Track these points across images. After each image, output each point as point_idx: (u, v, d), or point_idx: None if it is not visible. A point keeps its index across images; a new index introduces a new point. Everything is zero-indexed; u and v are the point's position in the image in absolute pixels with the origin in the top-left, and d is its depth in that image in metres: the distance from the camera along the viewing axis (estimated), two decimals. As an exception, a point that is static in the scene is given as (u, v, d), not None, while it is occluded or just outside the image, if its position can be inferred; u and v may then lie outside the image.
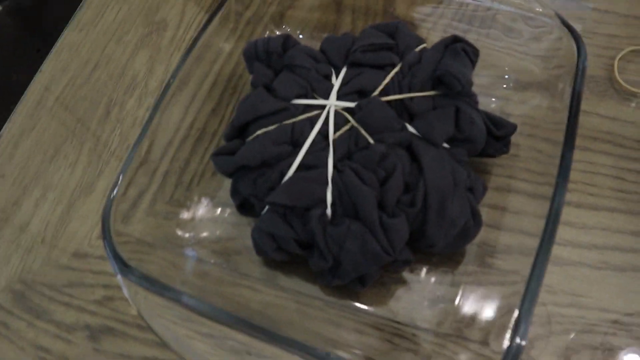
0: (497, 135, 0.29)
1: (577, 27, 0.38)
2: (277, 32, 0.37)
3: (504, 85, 0.34)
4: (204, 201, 0.34)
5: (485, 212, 0.32)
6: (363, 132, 0.28)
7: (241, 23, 0.37)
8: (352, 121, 0.28)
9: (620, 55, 0.37)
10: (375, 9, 0.38)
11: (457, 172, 0.27)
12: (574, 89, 0.28)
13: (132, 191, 0.32)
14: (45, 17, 0.84)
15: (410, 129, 0.28)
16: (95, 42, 0.42)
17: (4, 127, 0.40)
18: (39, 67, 0.42)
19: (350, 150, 0.28)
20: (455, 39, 0.29)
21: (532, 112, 0.34)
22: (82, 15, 0.43)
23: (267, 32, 0.37)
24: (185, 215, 0.34)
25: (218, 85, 0.37)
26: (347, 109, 0.29)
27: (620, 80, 0.36)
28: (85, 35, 0.42)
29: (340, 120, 0.28)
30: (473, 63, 0.29)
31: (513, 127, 0.30)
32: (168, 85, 0.31)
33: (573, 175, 0.33)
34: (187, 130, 0.35)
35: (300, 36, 0.37)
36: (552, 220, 0.24)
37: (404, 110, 0.28)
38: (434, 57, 0.28)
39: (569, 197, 0.32)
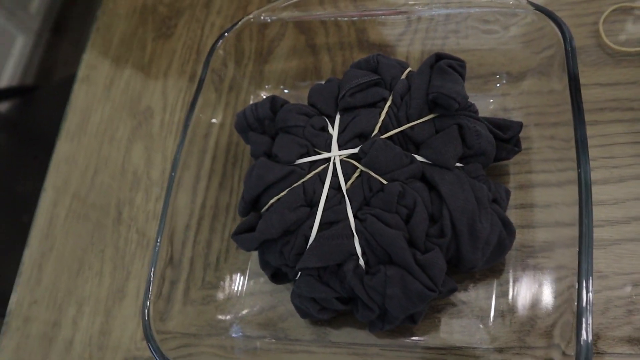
0: (505, 138, 0.30)
1: (553, 1, 0.38)
2: (261, 93, 0.37)
3: (498, 84, 0.34)
4: (236, 277, 0.35)
5: (514, 215, 0.32)
6: (374, 175, 0.28)
7: (224, 92, 0.38)
8: (360, 167, 0.28)
9: (602, 19, 0.37)
10: (349, 42, 0.38)
11: (478, 190, 0.27)
12: (568, 71, 0.28)
13: (165, 286, 0.32)
14: (36, 124, 0.86)
15: (420, 158, 0.28)
16: (88, 147, 0.43)
17: (23, 254, 0.41)
18: (40, 175, 0.43)
19: (366, 196, 0.28)
20: (439, 57, 0.29)
21: (533, 101, 0.34)
22: (69, 125, 0.44)
23: (252, 96, 0.37)
24: (221, 296, 0.34)
25: (218, 159, 0.37)
26: (352, 156, 0.29)
27: (610, 43, 0.36)
28: (78, 142, 0.43)
29: (348, 169, 0.29)
30: (462, 75, 0.29)
31: (519, 125, 0.30)
32: (172, 175, 0.32)
33: (591, 152, 0.33)
34: (201, 210, 0.36)
35: (285, 91, 0.38)
36: (585, 202, 0.24)
37: (408, 141, 0.29)
38: (423, 81, 0.29)
39: (593, 175, 0.32)
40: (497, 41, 0.35)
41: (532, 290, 0.30)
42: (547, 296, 0.29)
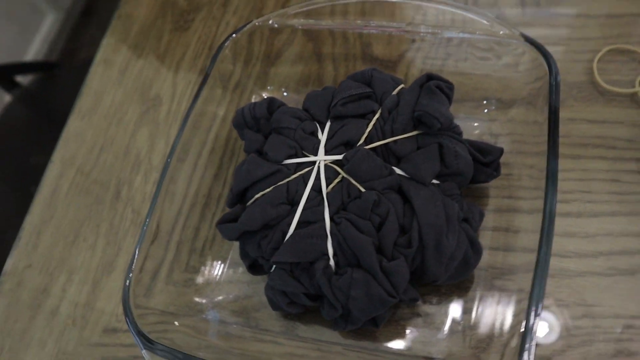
0: (485, 162, 0.31)
1: (552, 35, 0.40)
2: (263, 93, 0.39)
3: (486, 110, 0.36)
4: (218, 264, 0.36)
5: (488, 236, 0.33)
6: (354, 182, 0.30)
7: (229, 89, 0.40)
8: (342, 173, 0.30)
9: (598, 57, 0.38)
10: (354, 54, 0.40)
11: (449, 207, 0.28)
12: (550, 104, 0.30)
13: (150, 265, 0.34)
14: (54, 100, 0.89)
15: (399, 171, 0.30)
16: (97, 127, 0.45)
17: (25, 220, 0.43)
18: (51, 148, 0.46)
19: (344, 201, 0.30)
20: (429, 77, 0.31)
21: (519, 129, 0.36)
22: (82, 104, 0.47)
23: (254, 95, 0.39)
24: (202, 280, 0.36)
25: (216, 151, 0.39)
26: (336, 162, 0.31)
27: (602, 82, 0.37)
28: (88, 121, 0.46)
29: (331, 174, 0.30)
30: (449, 97, 0.31)
31: (499, 151, 0.32)
32: (168, 160, 0.34)
33: (569, 185, 0.35)
34: (194, 198, 0.38)
35: (285, 93, 0.40)
36: (547, 231, 0.26)
37: (391, 154, 0.30)
38: (411, 99, 0.30)
39: (569, 207, 0.34)
40: (491, 68, 0.36)
41: (493, 310, 0.31)
42: (506, 317, 0.31)
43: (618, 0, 0.40)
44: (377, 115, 0.31)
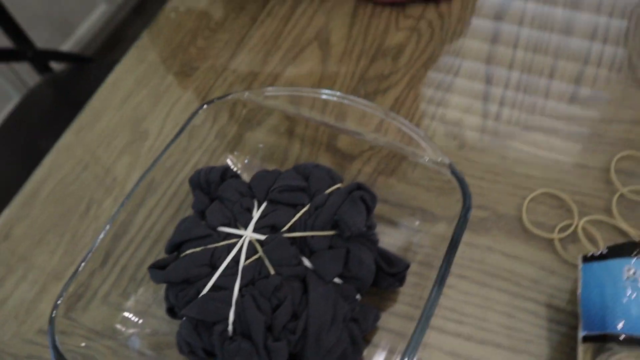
0: (390, 272, 0.36)
1: (499, 164, 0.44)
2: (229, 156, 0.45)
3: (417, 222, 0.40)
4: (150, 298, 0.41)
5: (381, 335, 0.37)
6: (267, 263, 0.34)
7: (208, 139, 0.45)
8: (260, 252, 0.35)
9: (531, 197, 0.42)
10: (320, 141, 0.45)
11: (339, 307, 0.33)
12: (452, 237, 0.34)
13: (92, 281, 0.39)
14: (77, 92, 0.97)
15: (307, 263, 0.34)
16: (88, 144, 0.51)
17: (3, 212, 0.49)
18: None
19: (254, 277, 0.34)
20: (358, 187, 0.36)
21: (438, 244, 0.40)
22: (81, 120, 0.53)
23: (222, 155, 0.44)
24: (133, 308, 0.41)
25: (178, 196, 0.44)
26: (259, 240, 0.36)
27: (527, 221, 0.41)
28: (82, 138, 0.52)
29: (251, 250, 0.35)
30: (369, 209, 0.36)
31: (405, 266, 0.36)
32: (134, 190, 0.39)
33: (469, 308, 0.39)
34: (147, 232, 0.43)
35: (246, 161, 0.45)
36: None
37: (306, 246, 0.35)
38: (336, 203, 0.35)
39: (461, 329, 0.38)
40: (431, 183, 0.41)
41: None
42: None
43: (559, 147, 0.44)
44: (304, 209, 0.36)
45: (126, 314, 0.41)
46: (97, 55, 1.56)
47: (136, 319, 0.41)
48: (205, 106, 0.41)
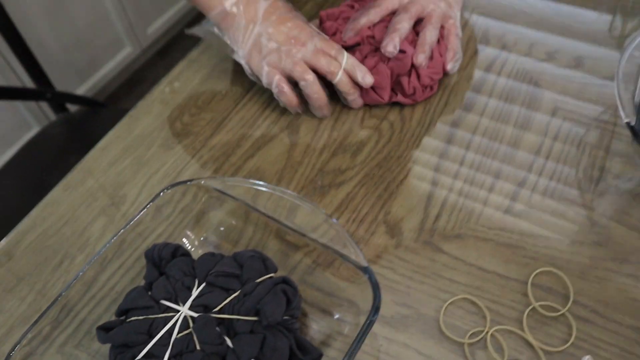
0: (302, 359, 0.41)
1: (426, 266, 0.49)
2: (189, 232, 0.51)
3: (342, 312, 0.46)
4: (99, 353, 0.47)
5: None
6: (195, 339, 0.40)
7: (173, 214, 0.52)
8: (191, 328, 0.41)
9: (451, 300, 0.47)
10: (271, 229, 0.51)
11: (248, 387, 0.38)
12: (355, 338, 0.39)
13: (53, 330, 0.45)
14: (87, 133, 1.05)
15: (229, 343, 0.40)
16: (72, 202, 0.58)
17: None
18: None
19: (182, 350, 0.40)
20: (283, 280, 0.42)
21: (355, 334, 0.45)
22: (71, 178, 0.60)
23: (181, 233, 0.51)
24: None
25: (141, 261, 0.50)
26: (192, 317, 0.41)
27: (443, 323, 0.46)
28: (68, 195, 0.58)
29: (185, 325, 0.41)
30: (290, 301, 0.41)
31: (318, 354, 0.41)
32: (100, 251, 0.45)
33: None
34: (108, 291, 0.49)
35: (202, 238, 0.51)
36: None
37: (231, 328, 0.41)
38: (261, 293, 0.41)
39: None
40: (356, 279, 0.46)
41: None
42: None
43: (486, 256, 0.49)
44: (234, 295, 0.42)
45: (76, 365, 0.47)
46: (117, 94, 1.67)
47: (83, 371, 0.46)
48: (166, 190, 0.47)
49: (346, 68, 0.58)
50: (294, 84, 0.59)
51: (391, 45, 0.57)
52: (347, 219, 0.53)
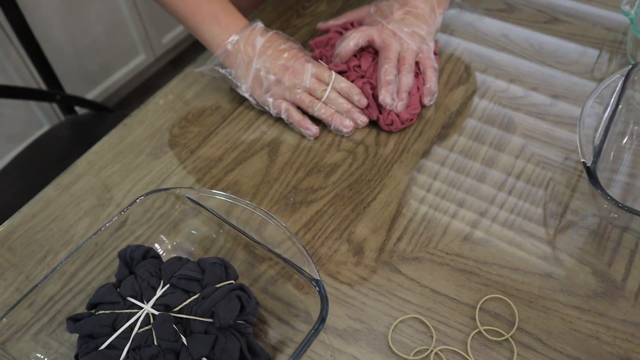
0: (252, 360, 0.44)
1: (383, 285, 0.53)
2: (163, 236, 0.55)
3: (295, 321, 0.49)
4: (69, 342, 0.51)
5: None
6: (154, 334, 0.44)
7: (153, 218, 0.56)
8: (151, 325, 0.45)
9: (401, 318, 0.51)
10: (240, 241, 0.54)
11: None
12: (303, 340, 0.43)
13: (32, 319, 0.49)
14: (93, 136, 1.10)
15: (184, 341, 0.44)
16: (61, 201, 0.62)
17: (-19, 242, 0.60)
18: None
19: (141, 344, 0.44)
20: (240, 287, 0.46)
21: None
22: (63, 178, 0.65)
23: (158, 238, 0.55)
24: (54, 349, 0.51)
25: (117, 261, 0.55)
26: (154, 315, 0.45)
27: (391, 340, 0.50)
28: (59, 195, 0.63)
29: (146, 321, 0.45)
30: (244, 307, 0.45)
31: (266, 358, 0.45)
32: (79, 247, 0.50)
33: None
34: (85, 286, 0.53)
35: (175, 243, 0.55)
36: None
37: (187, 327, 0.45)
38: (218, 296, 0.45)
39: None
40: (313, 292, 0.49)
41: None
42: None
43: (440, 280, 0.53)
44: (194, 297, 0.46)
45: (47, 354, 0.51)
46: (128, 100, 1.73)
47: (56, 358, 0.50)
48: (142, 197, 0.52)
49: (341, 91, 0.65)
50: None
51: (389, 97, 0.63)
52: (313, 235, 0.57)
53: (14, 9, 0.98)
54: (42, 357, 0.49)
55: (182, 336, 0.44)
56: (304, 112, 0.66)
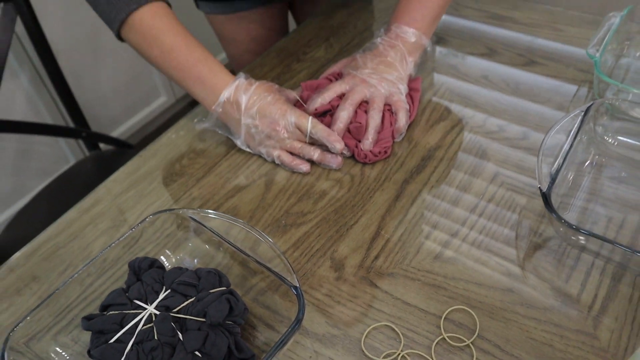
0: (239, 357, 0.52)
1: (360, 297, 0.60)
2: (167, 251, 0.64)
3: (280, 327, 0.57)
4: (82, 341, 0.59)
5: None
6: (155, 331, 0.52)
7: (162, 236, 0.65)
8: (153, 323, 0.53)
9: (374, 326, 0.58)
10: (236, 257, 0.63)
11: (189, 370, 0.50)
12: (279, 339, 0.50)
13: (50, 321, 0.58)
14: (116, 169, 1.21)
15: (180, 337, 0.52)
16: (82, 223, 0.72)
17: (10, 258, 0.70)
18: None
19: (143, 339, 0.52)
20: (230, 292, 0.54)
21: (289, 346, 0.56)
22: (83, 203, 0.74)
23: (162, 252, 0.64)
24: (70, 347, 0.59)
25: (125, 275, 0.63)
26: (155, 315, 0.54)
27: (364, 344, 0.57)
28: (80, 216, 0.73)
29: (149, 320, 0.53)
30: (232, 309, 0.53)
31: (251, 355, 0.53)
32: (94, 258, 0.59)
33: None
34: (99, 294, 0.62)
35: (178, 257, 0.64)
36: None
37: (184, 325, 0.53)
38: (211, 299, 0.53)
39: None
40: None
41: None
42: None
43: (411, 293, 0.60)
44: (190, 300, 0.54)
45: (67, 353, 0.59)
46: (149, 138, 1.86)
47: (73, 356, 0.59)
48: (151, 216, 0.61)
49: (318, 139, 0.74)
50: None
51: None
52: (300, 253, 0.65)
53: (50, 58, 1.11)
54: (60, 352, 0.57)
55: (178, 332, 0.52)
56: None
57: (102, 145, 1.35)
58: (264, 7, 1.14)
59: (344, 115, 0.74)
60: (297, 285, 0.54)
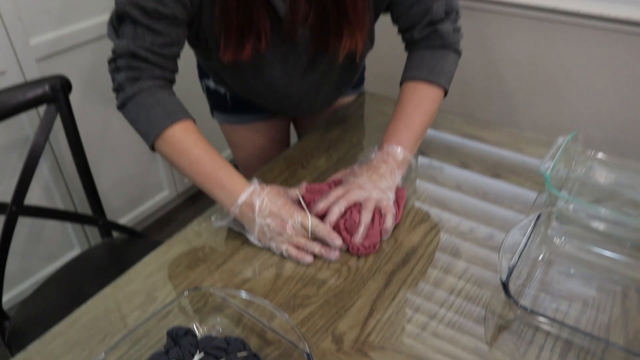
0: (258, 409, 0.65)
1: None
2: (196, 323, 0.77)
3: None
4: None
5: None
6: (191, 386, 0.65)
7: (192, 310, 0.78)
8: (189, 379, 0.66)
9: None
10: (255, 328, 0.77)
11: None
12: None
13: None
14: (124, 257, 1.35)
15: (212, 391, 0.65)
16: (118, 298, 0.85)
17: (53, 328, 0.82)
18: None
19: (181, 393, 0.65)
20: (254, 355, 0.67)
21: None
22: (119, 281, 0.88)
23: (196, 321, 0.77)
24: None
25: (163, 341, 0.76)
26: (192, 373, 0.67)
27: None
28: (116, 292, 0.86)
29: (185, 377, 0.66)
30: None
31: (269, 408, 0.65)
32: (131, 331, 0.72)
33: None
34: (138, 358, 0.74)
35: (205, 329, 0.77)
36: None
37: (215, 382, 0.65)
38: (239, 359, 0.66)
39: None
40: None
41: None
42: None
43: (399, 365, 0.74)
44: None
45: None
46: (151, 228, 2.01)
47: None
48: (187, 292, 0.75)
49: (322, 236, 0.90)
50: None
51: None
52: (306, 330, 0.79)
53: (80, 152, 1.29)
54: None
55: (209, 385, 0.65)
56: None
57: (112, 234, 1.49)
58: (268, 120, 1.35)
59: (335, 210, 0.92)
60: (309, 352, 0.68)
